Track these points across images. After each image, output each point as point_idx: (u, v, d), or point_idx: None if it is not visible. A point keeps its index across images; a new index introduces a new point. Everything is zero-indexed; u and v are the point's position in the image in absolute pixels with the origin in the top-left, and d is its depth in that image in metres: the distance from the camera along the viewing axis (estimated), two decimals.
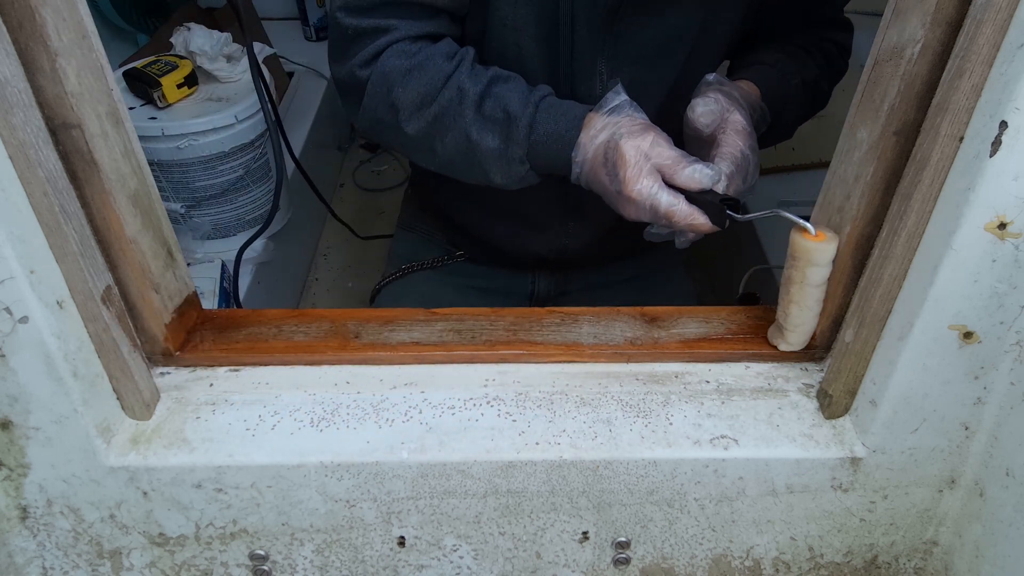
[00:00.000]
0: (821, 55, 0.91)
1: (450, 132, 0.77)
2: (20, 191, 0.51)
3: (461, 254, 1.08)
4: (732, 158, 0.74)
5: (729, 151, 0.74)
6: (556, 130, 0.75)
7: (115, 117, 0.58)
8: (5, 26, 0.48)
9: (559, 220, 0.96)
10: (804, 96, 0.90)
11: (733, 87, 0.80)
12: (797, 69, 0.88)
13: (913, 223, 0.53)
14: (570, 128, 0.75)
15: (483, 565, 0.69)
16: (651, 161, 0.70)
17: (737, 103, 0.78)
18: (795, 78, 0.88)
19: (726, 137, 0.75)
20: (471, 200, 1.00)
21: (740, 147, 0.75)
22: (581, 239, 0.97)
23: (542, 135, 0.75)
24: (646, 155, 0.70)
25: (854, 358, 0.61)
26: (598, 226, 0.97)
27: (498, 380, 0.68)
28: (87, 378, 0.58)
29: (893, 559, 0.70)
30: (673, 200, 0.70)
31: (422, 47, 0.77)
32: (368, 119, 0.81)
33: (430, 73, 0.76)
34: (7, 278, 0.51)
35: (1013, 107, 0.45)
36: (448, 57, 0.78)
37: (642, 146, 0.70)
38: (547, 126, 0.75)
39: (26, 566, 0.68)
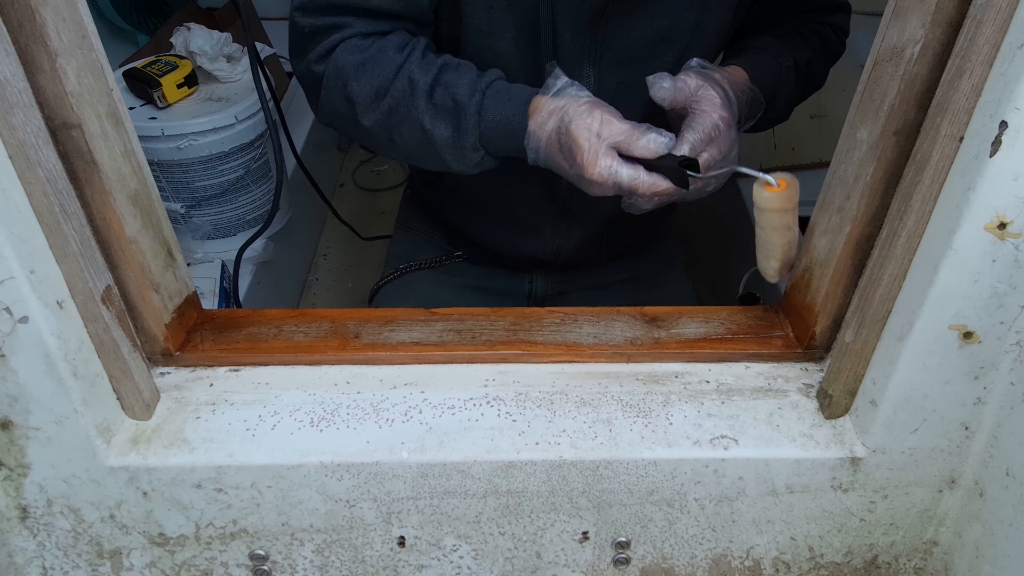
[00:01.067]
0: (816, 37, 0.92)
1: (405, 123, 0.77)
2: (20, 191, 0.51)
3: (459, 254, 1.08)
4: (701, 127, 0.72)
5: (698, 121, 0.73)
6: (503, 117, 0.75)
7: (115, 117, 0.58)
8: (5, 26, 0.48)
9: (551, 222, 0.96)
10: (797, 78, 0.89)
11: (716, 70, 0.79)
12: (789, 52, 0.88)
13: (913, 223, 0.53)
14: (517, 114, 0.74)
15: (483, 565, 0.69)
16: (604, 140, 0.70)
17: (714, 82, 0.76)
18: (786, 60, 0.87)
19: (698, 107, 0.75)
20: (466, 201, 1.00)
21: (711, 117, 0.73)
22: (575, 239, 0.97)
23: (491, 122, 0.75)
24: (598, 134, 0.70)
25: (854, 358, 0.61)
26: (591, 226, 0.96)
27: (498, 380, 0.68)
28: (87, 378, 0.58)
29: (893, 559, 0.70)
30: (633, 173, 0.70)
31: (373, 41, 0.78)
32: (327, 113, 0.82)
33: (381, 65, 0.76)
34: (7, 278, 0.51)
35: (1013, 107, 0.45)
36: (399, 48, 0.78)
37: (593, 126, 0.70)
38: (495, 113, 0.75)
39: (26, 566, 0.68)
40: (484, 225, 1.00)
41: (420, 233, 1.11)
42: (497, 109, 0.75)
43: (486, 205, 0.95)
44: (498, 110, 0.75)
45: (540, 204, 0.93)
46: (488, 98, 0.75)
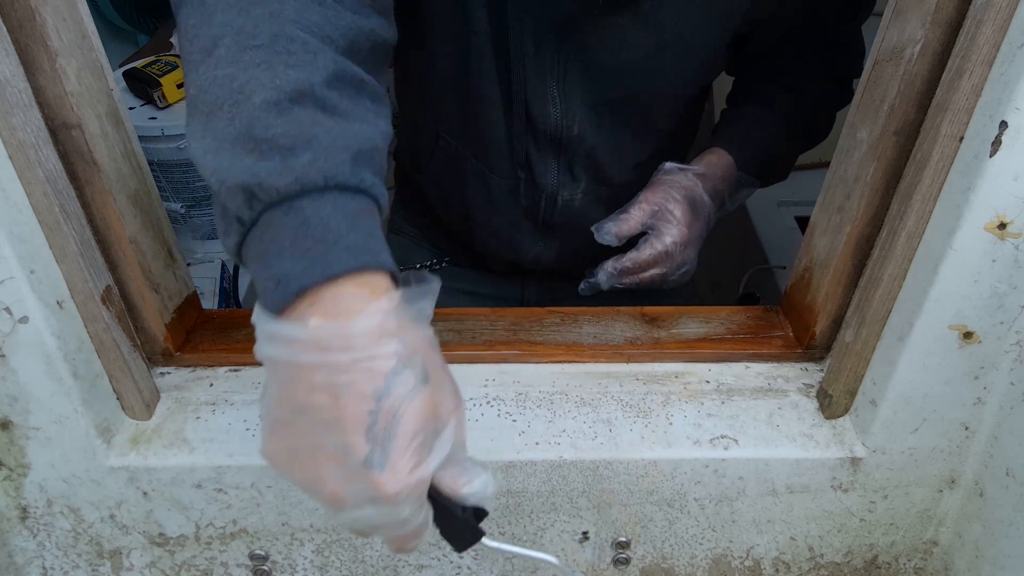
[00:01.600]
0: (818, 98, 0.89)
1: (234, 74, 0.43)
2: (20, 191, 0.51)
3: (447, 260, 1.07)
4: (646, 250, 0.77)
5: (646, 245, 0.77)
6: (286, 265, 0.40)
7: (115, 117, 0.58)
8: (5, 26, 0.48)
9: (530, 236, 0.94)
10: (792, 147, 0.90)
11: (689, 170, 0.81)
12: (785, 124, 0.87)
13: (913, 223, 0.53)
14: (327, 260, 0.40)
15: (483, 565, 0.69)
16: (443, 441, 0.42)
17: (679, 190, 0.79)
18: (780, 135, 0.87)
19: (653, 230, 0.78)
20: (447, 207, 0.99)
21: (662, 242, 0.77)
22: (554, 251, 0.95)
23: (268, 240, 0.41)
24: (437, 432, 0.42)
25: (854, 358, 0.61)
26: (571, 243, 0.94)
27: (498, 380, 0.68)
28: (87, 378, 0.58)
29: (893, 559, 0.70)
30: (423, 519, 0.43)
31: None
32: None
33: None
34: (7, 278, 0.51)
35: (1013, 107, 0.45)
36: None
37: (442, 415, 0.42)
38: (284, 235, 0.41)
39: (26, 566, 0.68)
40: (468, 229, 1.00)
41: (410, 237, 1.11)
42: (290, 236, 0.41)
43: (468, 210, 0.95)
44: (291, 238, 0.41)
45: (519, 220, 0.92)
46: (309, 204, 0.41)
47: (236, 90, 0.42)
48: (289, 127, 0.42)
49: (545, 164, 0.85)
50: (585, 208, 0.89)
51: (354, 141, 0.43)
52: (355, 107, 0.46)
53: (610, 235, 0.78)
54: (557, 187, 0.87)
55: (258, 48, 0.43)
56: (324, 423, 0.39)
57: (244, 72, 0.43)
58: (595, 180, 0.87)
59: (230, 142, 0.42)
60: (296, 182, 0.40)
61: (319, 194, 0.41)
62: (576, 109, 0.81)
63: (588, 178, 0.87)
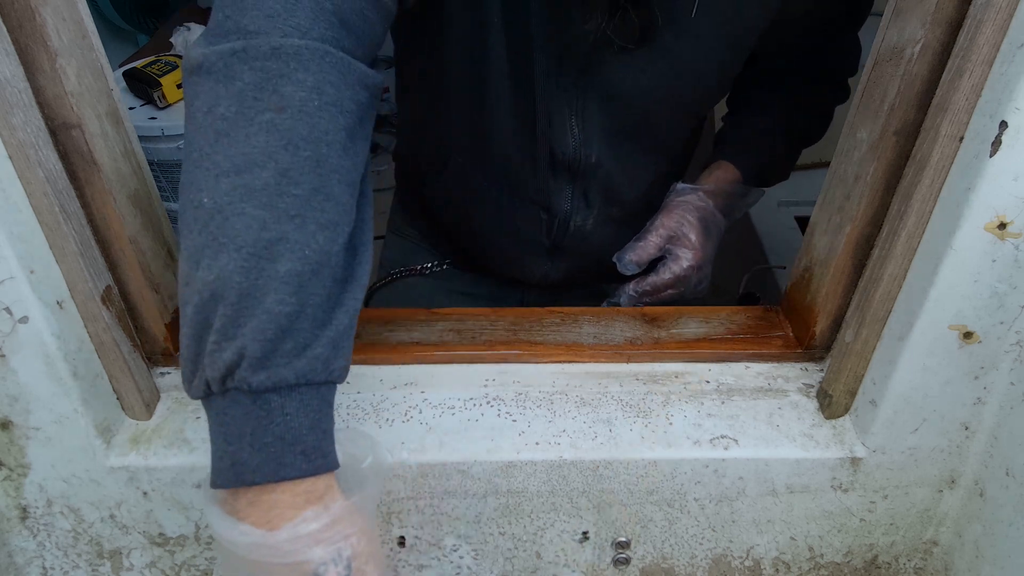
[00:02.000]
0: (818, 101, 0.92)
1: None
2: (20, 191, 0.51)
3: (448, 261, 1.07)
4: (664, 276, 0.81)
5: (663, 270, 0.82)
6: (244, 454, 0.43)
7: (115, 117, 0.58)
8: (5, 26, 0.48)
9: (539, 257, 0.94)
10: (792, 151, 0.93)
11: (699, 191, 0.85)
12: (785, 129, 0.90)
13: (913, 223, 0.53)
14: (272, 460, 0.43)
15: (483, 565, 0.69)
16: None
17: (692, 212, 0.83)
18: (784, 139, 0.91)
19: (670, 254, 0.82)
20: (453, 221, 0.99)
21: (679, 265, 0.81)
22: (562, 271, 0.96)
23: (231, 417, 0.43)
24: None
25: (854, 358, 0.61)
26: (580, 262, 0.95)
27: (498, 380, 0.68)
28: (87, 378, 0.58)
29: (893, 559, 0.70)
30: None
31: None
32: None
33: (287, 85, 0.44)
34: (7, 278, 0.51)
35: (1013, 107, 0.45)
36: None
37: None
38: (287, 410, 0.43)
39: (26, 566, 0.68)
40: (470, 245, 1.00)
41: (411, 238, 1.10)
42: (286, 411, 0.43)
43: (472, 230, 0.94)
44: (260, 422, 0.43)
45: (529, 243, 0.92)
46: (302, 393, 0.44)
47: (264, 244, 0.42)
48: (296, 306, 0.42)
49: (560, 191, 0.86)
50: (595, 230, 0.90)
51: (341, 322, 0.45)
52: (354, 268, 0.47)
53: (631, 264, 0.83)
54: (571, 213, 0.87)
55: (296, 198, 0.43)
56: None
57: (278, 224, 0.42)
58: (608, 203, 0.89)
59: (236, 295, 0.42)
60: (269, 380, 0.42)
61: (288, 391, 0.43)
62: (594, 138, 0.82)
63: (601, 202, 0.88)
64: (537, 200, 0.87)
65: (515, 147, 0.82)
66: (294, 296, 0.42)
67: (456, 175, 0.90)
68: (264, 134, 0.43)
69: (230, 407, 0.43)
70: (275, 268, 0.42)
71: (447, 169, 0.90)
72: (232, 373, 0.42)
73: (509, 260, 0.96)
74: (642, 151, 0.86)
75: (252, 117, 0.43)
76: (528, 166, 0.84)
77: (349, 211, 0.46)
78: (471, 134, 0.84)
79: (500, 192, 0.87)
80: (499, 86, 0.78)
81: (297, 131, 0.43)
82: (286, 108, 0.43)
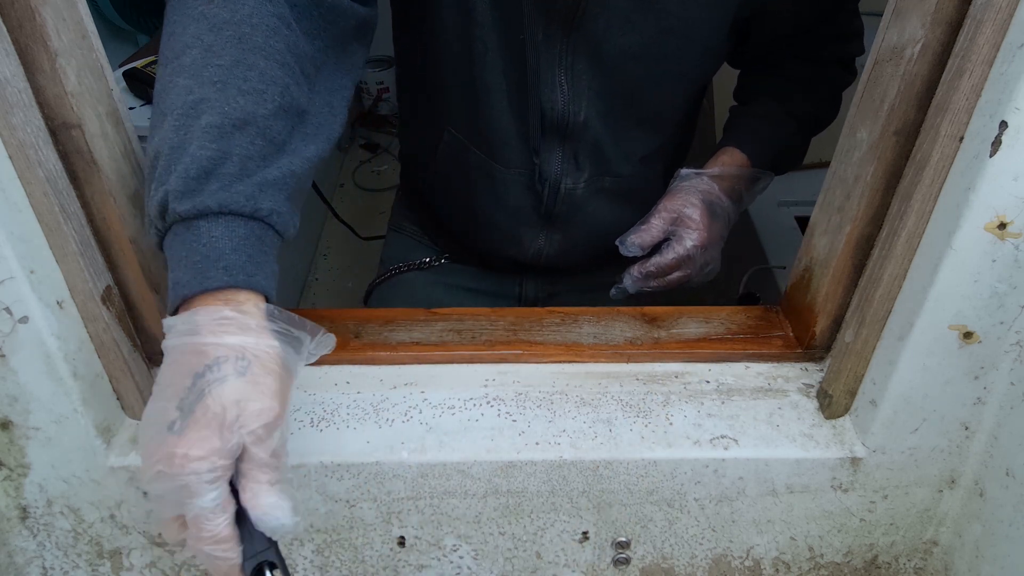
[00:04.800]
0: (824, 83, 0.91)
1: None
2: (20, 191, 0.51)
3: (447, 256, 1.08)
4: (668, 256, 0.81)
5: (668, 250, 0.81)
6: (179, 274, 0.48)
7: (115, 117, 0.58)
8: (5, 26, 0.48)
9: (532, 228, 0.94)
10: (803, 135, 0.93)
11: (705, 175, 0.84)
12: (792, 114, 0.90)
13: (913, 223, 0.53)
14: (200, 273, 0.48)
15: (483, 565, 0.69)
16: (248, 439, 0.45)
17: (697, 196, 0.83)
18: (790, 124, 0.90)
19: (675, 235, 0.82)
20: (449, 203, 0.99)
21: (683, 246, 0.81)
22: (556, 245, 0.96)
23: (173, 249, 0.49)
24: (237, 419, 0.45)
25: (854, 358, 0.61)
26: (575, 235, 0.95)
27: (498, 380, 0.68)
28: (87, 378, 0.58)
29: (893, 559, 0.70)
30: (218, 510, 0.45)
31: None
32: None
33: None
34: (7, 278, 0.51)
35: (1013, 107, 0.45)
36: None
37: (263, 412, 0.46)
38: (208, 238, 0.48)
39: (26, 566, 0.68)
40: (469, 225, 1.00)
41: (411, 234, 1.11)
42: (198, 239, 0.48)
43: (470, 205, 0.95)
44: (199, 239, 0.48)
45: (522, 211, 0.93)
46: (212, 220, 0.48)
47: (190, 105, 0.50)
48: (217, 152, 0.49)
49: (550, 151, 0.86)
50: (587, 198, 0.90)
51: (271, 174, 0.50)
52: (291, 137, 0.53)
53: (634, 246, 0.82)
54: (560, 175, 0.87)
55: (219, 67, 0.50)
56: (158, 389, 0.47)
57: (201, 89, 0.50)
58: (599, 170, 0.88)
59: (168, 148, 0.49)
60: (194, 208, 0.48)
61: (215, 217, 0.48)
62: (583, 96, 0.82)
63: (592, 168, 0.88)
64: (528, 166, 0.87)
65: (504, 105, 0.83)
66: (215, 143, 0.48)
67: (451, 150, 0.91)
68: (195, 23, 0.52)
69: (172, 241, 0.49)
70: (198, 122, 0.49)
71: (441, 144, 0.91)
72: (165, 209, 0.48)
73: (504, 236, 0.96)
74: (632, 119, 0.85)
75: (188, 12, 0.52)
76: (519, 128, 0.84)
77: (277, 83, 0.52)
78: (463, 101, 0.85)
79: (490, 157, 0.88)
80: (486, 42, 0.78)
81: (220, 16, 0.52)
82: (213, 0, 0.52)
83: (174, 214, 0.48)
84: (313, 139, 0.56)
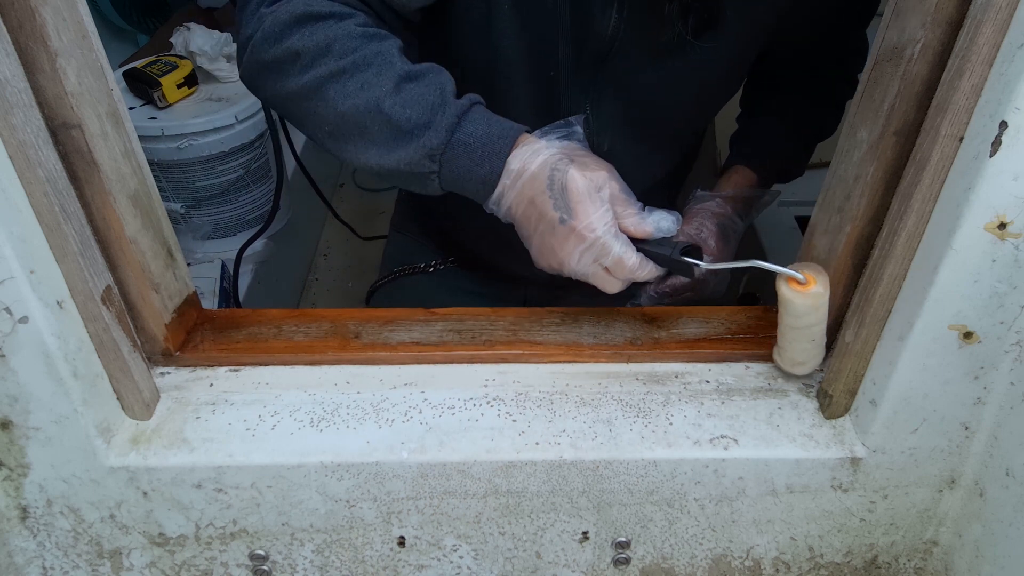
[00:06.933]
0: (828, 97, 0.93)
1: (353, 92, 0.63)
2: (20, 191, 0.51)
3: (452, 260, 1.07)
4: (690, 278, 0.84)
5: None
6: (487, 133, 0.63)
7: (115, 117, 0.58)
8: (5, 26, 0.48)
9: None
10: (808, 149, 0.95)
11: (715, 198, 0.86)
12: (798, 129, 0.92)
13: (913, 223, 0.53)
14: (503, 136, 0.64)
15: (483, 565, 0.69)
16: (605, 197, 0.62)
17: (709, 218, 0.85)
18: (799, 139, 0.92)
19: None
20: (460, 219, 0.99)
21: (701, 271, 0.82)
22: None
23: (467, 135, 0.63)
24: (598, 187, 0.62)
25: (854, 358, 0.61)
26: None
27: (498, 380, 0.68)
28: (87, 378, 0.58)
29: (893, 559, 0.70)
30: (626, 249, 0.62)
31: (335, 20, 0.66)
32: (254, 62, 0.66)
33: (343, 29, 0.64)
34: (7, 278, 0.51)
35: (1013, 107, 0.45)
36: (366, 28, 0.66)
37: (596, 179, 0.62)
38: (476, 126, 0.63)
39: (26, 566, 0.68)
40: (471, 237, 1.00)
41: (414, 236, 1.11)
42: (480, 123, 0.64)
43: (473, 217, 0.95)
44: (481, 124, 0.64)
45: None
46: (474, 111, 0.65)
47: (363, 111, 0.63)
48: (409, 107, 0.62)
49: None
50: None
51: (442, 87, 0.64)
52: (425, 71, 0.65)
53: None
54: None
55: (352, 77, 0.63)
56: (525, 218, 0.64)
57: (360, 97, 0.62)
58: None
59: (393, 139, 0.63)
60: (447, 132, 0.62)
61: (461, 124, 0.63)
62: (607, 127, 0.82)
63: None
64: None
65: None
66: (399, 99, 0.63)
67: None
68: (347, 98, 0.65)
69: (452, 164, 0.64)
70: (382, 109, 0.63)
71: None
72: (432, 154, 0.63)
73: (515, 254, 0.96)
74: (656, 144, 0.86)
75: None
76: None
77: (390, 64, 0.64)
78: None
79: None
80: (513, 79, 0.79)
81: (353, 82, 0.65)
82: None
83: (439, 146, 0.62)
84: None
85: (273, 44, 0.64)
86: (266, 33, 0.64)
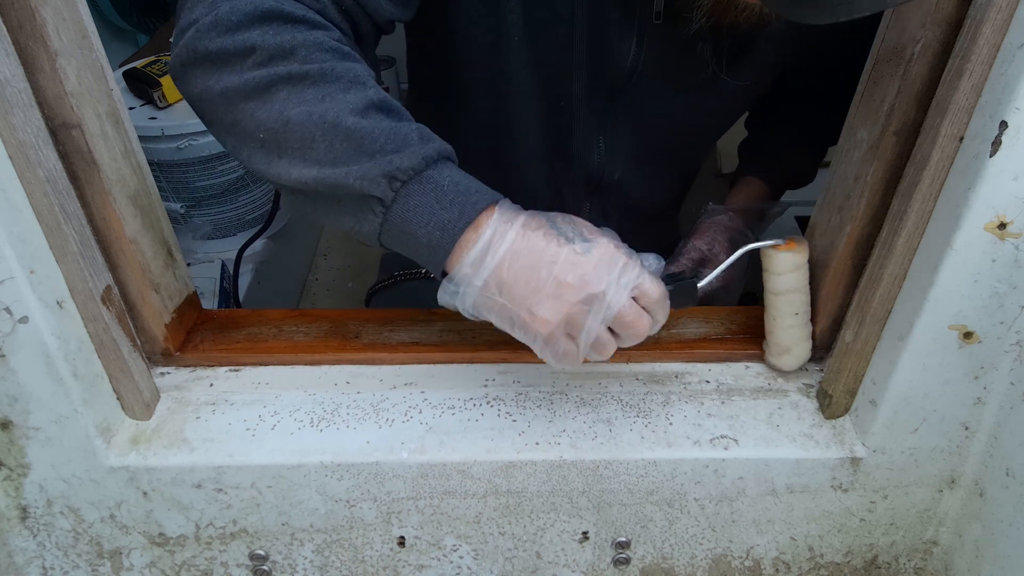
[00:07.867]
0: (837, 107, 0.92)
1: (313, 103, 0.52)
2: (20, 191, 0.51)
3: None
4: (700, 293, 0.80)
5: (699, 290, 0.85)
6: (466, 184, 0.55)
7: (115, 117, 0.58)
8: (5, 26, 0.48)
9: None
10: (820, 152, 0.96)
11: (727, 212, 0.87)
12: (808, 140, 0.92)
13: (913, 223, 0.53)
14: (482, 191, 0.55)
15: (483, 565, 0.69)
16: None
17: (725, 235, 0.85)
18: (810, 149, 0.93)
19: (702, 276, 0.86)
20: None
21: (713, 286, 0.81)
22: None
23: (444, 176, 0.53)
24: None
25: (854, 358, 0.61)
26: None
27: (498, 380, 0.68)
28: (87, 378, 0.58)
29: (893, 559, 0.70)
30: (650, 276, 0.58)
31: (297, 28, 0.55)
32: (193, 50, 0.54)
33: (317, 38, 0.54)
34: (7, 278, 0.51)
35: (1013, 107, 0.45)
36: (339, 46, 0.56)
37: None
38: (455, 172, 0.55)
39: (26, 566, 0.68)
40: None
41: None
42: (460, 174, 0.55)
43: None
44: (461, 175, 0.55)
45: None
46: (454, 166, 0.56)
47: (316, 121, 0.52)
48: (377, 131, 0.52)
49: (578, 206, 0.86)
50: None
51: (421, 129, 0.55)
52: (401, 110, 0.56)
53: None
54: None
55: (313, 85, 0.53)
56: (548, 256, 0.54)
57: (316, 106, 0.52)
58: (625, 217, 0.90)
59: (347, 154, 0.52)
60: (423, 160, 0.52)
61: (438, 164, 0.53)
62: (619, 156, 0.82)
63: (619, 216, 0.89)
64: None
65: (535, 160, 0.83)
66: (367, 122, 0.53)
67: None
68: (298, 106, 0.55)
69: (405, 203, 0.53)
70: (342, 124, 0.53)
71: None
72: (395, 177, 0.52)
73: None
74: (665, 171, 0.87)
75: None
76: (546, 179, 0.84)
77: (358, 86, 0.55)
78: (490, 153, 0.84)
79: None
80: (524, 109, 0.78)
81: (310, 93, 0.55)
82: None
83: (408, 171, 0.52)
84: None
85: (224, 33, 0.54)
86: (218, 19, 0.54)
